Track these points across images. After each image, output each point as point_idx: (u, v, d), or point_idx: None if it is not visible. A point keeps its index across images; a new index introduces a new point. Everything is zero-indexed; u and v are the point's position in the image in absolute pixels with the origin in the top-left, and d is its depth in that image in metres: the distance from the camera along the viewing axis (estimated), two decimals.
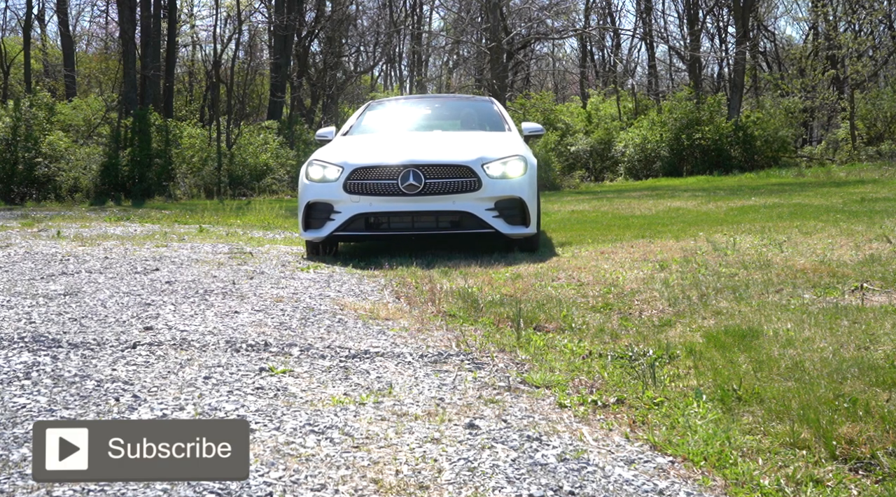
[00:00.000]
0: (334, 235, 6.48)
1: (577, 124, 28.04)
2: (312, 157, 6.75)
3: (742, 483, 2.24)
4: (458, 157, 6.48)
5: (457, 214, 6.39)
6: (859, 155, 24.62)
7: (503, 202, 6.44)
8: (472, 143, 6.92)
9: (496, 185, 6.44)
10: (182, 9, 30.65)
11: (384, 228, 6.44)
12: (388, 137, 7.42)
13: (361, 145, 7.03)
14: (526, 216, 6.51)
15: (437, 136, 7.31)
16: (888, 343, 3.52)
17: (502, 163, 6.52)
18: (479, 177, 6.39)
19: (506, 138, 7.21)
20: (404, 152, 6.57)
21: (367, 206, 6.37)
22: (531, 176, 6.65)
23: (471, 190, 6.38)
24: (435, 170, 6.38)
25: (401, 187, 6.31)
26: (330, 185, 6.45)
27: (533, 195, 6.59)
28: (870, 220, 8.63)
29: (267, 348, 3.26)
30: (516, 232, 6.50)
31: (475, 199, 6.38)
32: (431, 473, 2.14)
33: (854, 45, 27.30)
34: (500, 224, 6.41)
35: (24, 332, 3.30)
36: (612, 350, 3.53)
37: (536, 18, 27.10)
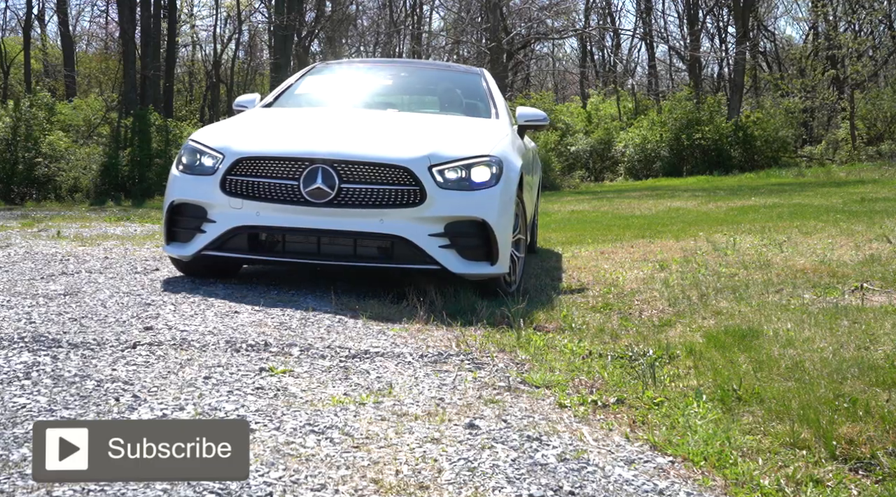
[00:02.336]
0: (204, 255, 4.47)
1: (577, 124, 28.04)
2: (190, 137, 4.76)
3: (742, 483, 2.24)
4: (394, 153, 4.38)
5: (385, 239, 4.34)
6: (859, 155, 24.62)
7: (457, 225, 4.36)
8: (425, 132, 4.84)
9: (449, 199, 4.34)
10: (182, 9, 30.66)
11: (277, 251, 4.45)
12: (312, 115, 5.37)
13: (266, 124, 4.99)
14: (491, 248, 4.41)
15: (379, 119, 5.25)
16: (888, 343, 3.52)
17: (462, 166, 4.43)
18: (422, 185, 4.29)
19: (485, 128, 5.12)
20: (316, 139, 4.54)
21: (252, 215, 4.35)
22: (506, 187, 4.50)
23: (409, 203, 4.30)
24: (357, 170, 4.31)
25: (303, 192, 4.28)
26: (204, 180, 4.46)
27: (506, 216, 4.49)
28: (870, 220, 8.63)
29: (267, 348, 3.26)
30: (473, 271, 4.42)
31: (415, 218, 4.30)
32: (431, 473, 2.14)
33: (854, 45, 27.30)
34: (448, 258, 4.35)
35: (24, 332, 3.30)
36: (612, 350, 3.53)
37: (536, 18, 27.10)
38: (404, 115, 5.42)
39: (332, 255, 4.42)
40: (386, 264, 4.41)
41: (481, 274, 4.48)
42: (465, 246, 4.41)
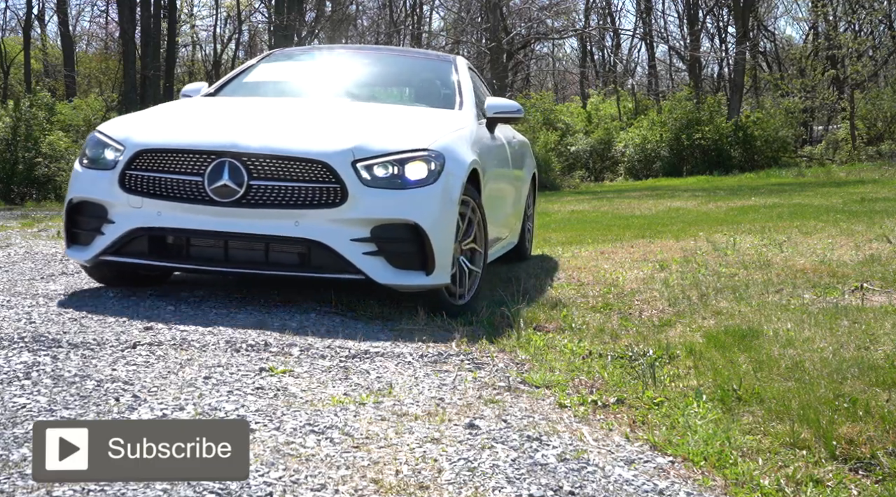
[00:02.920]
0: (104, 261, 4.05)
1: (577, 124, 28.04)
2: (97, 127, 4.32)
3: (742, 483, 2.24)
4: (311, 146, 3.92)
5: (301, 244, 3.88)
6: (859, 155, 24.63)
7: (386, 229, 3.88)
8: (358, 123, 4.34)
9: (376, 199, 3.87)
10: (182, 9, 30.67)
11: (181, 257, 4.02)
12: (239, 104, 4.87)
13: (185, 113, 4.53)
14: (426, 256, 3.91)
15: (311, 109, 4.73)
16: (888, 343, 3.52)
17: (394, 161, 3.93)
18: (343, 182, 3.83)
19: (435, 119, 4.65)
20: (226, 130, 4.07)
21: (153, 216, 3.91)
22: (448, 186, 3.99)
23: (327, 203, 3.84)
24: (268, 164, 3.87)
25: (208, 190, 3.84)
26: (104, 175, 4.02)
27: (446, 219, 3.98)
28: (870, 220, 8.63)
29: (267, 348, 3.26)
30: (405, 282, 3.94)
31: (335, 221, 3.83)
32: (431, 473, 2.14)
33: (854, 45, 27.31)
34: (375, 266, 3.86)
35: (24, 332, 3.30)
36: (612, 350, 3.53)
37: (536, 18, 27.09)
38: (343, 104, 4.92)
39: (242, 261, 3.96)
40: (302, 272, 3.95)
41: (414, 285, 3.96)
42: (394, 253, 3.90)
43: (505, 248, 5.82)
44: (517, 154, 6.03)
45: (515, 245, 6.19)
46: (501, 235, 5.55)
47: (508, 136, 5.83)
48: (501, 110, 5.12)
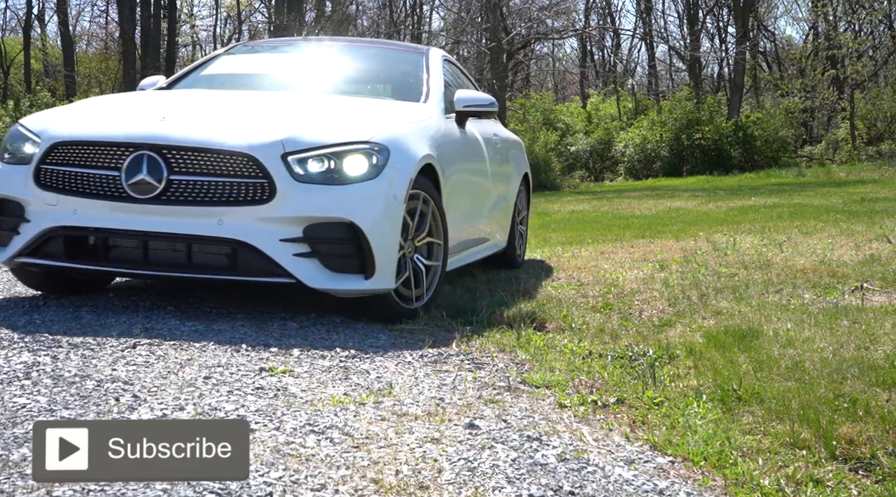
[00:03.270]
0: (22, 262, 3.79)
1: (577, 124, 28.05)
2: (20, 120, 4.05)
3: (742, 483, 2.24)
4: (236, 137, 3.61)
5: (225, 245, 3.59)
6: (859, 155, 24.65)
7: (320, 228, 3.60)
8: (295, 114, 4.03)
9: (308, 196, 3.59)
10: (182, 9, 30.67)
11: (99, 259, 3.71)
12: (174, 97, 4.52)
13: (115, 106, 4.23)
14: (365, 257, 3.62)
15: (248, 100, 4.43)
16: (888, 343, 3.52)
17: (330, 154, 3.64)
18: (270, 177, 3.54)
19: (387, 111, 4.36)
20: (146, 121, 3.74)
21: (68, 214, 3.64)
22: (392, 182, 3.71)
23: (254, 200, 3.55)
24: (190, 158, 3.57)
25: (126, 185, 3.55)
26: (21, 170, 3.77)
27: (389, 217, 3.69)
28: (870, 220, 8.63)
29: (267, 348, 3.26)
30: (341, 286, 3.65)
31: (262, 219, 3.55)
32: (431, 473, 2.14)
33: (854, 45, 27.33)
34: (307, 269, 3.58)
35: (24, 332, 3.30)
36: (612, 350, 3.53)
37: (536, 18, 27.08)
38: (291, 97, 4.58)
39: (164, 263, 3.67)
40: (228, 276, 3.64)
41: (352, 290, 3.67)
42: (329, 254, 3.62)
43: (488, 251, 5.52)
44: (500, 151, 5.71)
45: (504, 249, 5.87)
46: (482, 236, 5.30)
47: (487, 132, 5.45)
48: (471, 103, 4.81)
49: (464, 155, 4.83)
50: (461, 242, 4.77)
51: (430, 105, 4.62)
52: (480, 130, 5.23)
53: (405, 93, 4.87)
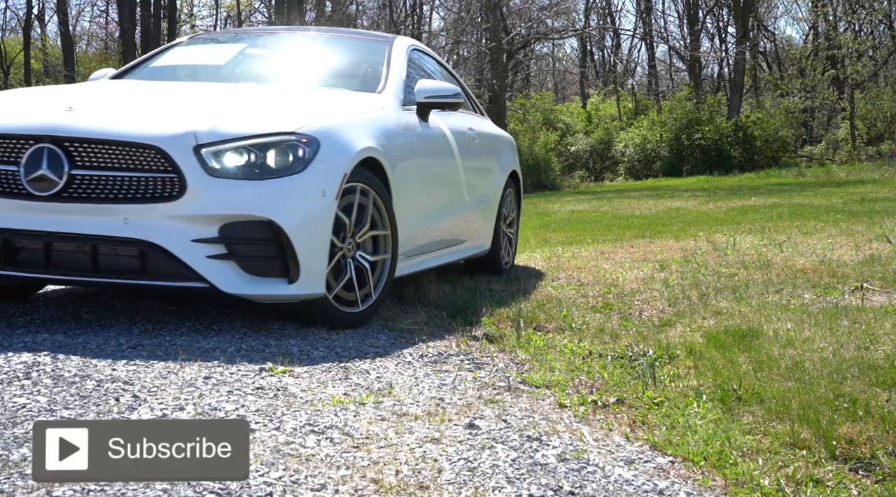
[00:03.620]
0: None
1: (577, 124, 28.05)
2: None
3: (742, 483, 2.24)
4: (143, 127, 3.33)
5: (131, 246, 3.28)
6: (859, 155, 24.65)
7: (238, 228, 3.31)
8: (219, 103, 3.77)
9: (224, 192, 3.30)
10: (182, 9, 30.67)
11: (1, 262, 3.36)
12: (109, 89, 4.18)
13: (27, 97, 3.89)
14: (288, 260, 3.35)
15: (180, 91, 4.15)
16: (888, 343, 3.52)
17: (250, 146, 3.35)
18: (180, 170, 3.24)
19: (337, 102, 4.08)
20: (47, 111, 3.44)
21: None
22: (321, 177, 3.42)
23: (163, 197, 3.26)
24: (93, 151, 3.27)
25: (24, 181, 3.26)
26: None
27: (316, 216, 3.41)
28: (870, 220, 8.63)
29: (267, 348, 3.26)
30: (262, 292, 3.37)
31: (172, 217, 3.25)
32: (431, 473, 2.14)
33: (854, 45, 27.34)
34: (222, 273, 3.29)
35: (24, 332, 3.30)
36: (612, 350, 3.53)
37: (536, 18, 27.08)
38: (224, 87, 4.29)
39: (68, 266, 3.34)
40: (137, 280, 3.32)
41: (274, 295, 3.39)
42: (248, 256, 3.33)
43: (465, 253, 5.22)
44: (478, 147, 5.37)
45: (486, 252, 5.54)
46: (455, 237, 5.01)
47: (460, 126, 5.09)
48: (433, 94, 4.46)
49: (424, 149, 4.51)
50: (428, 243, 4.55)
51: (384, 95, 4.32)
52: (450, 124, 4.91)
53: (362, 83, 4.55)
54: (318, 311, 3.58)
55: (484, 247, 5.49)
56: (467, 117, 5.41)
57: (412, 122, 4.41)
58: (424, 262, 4.58)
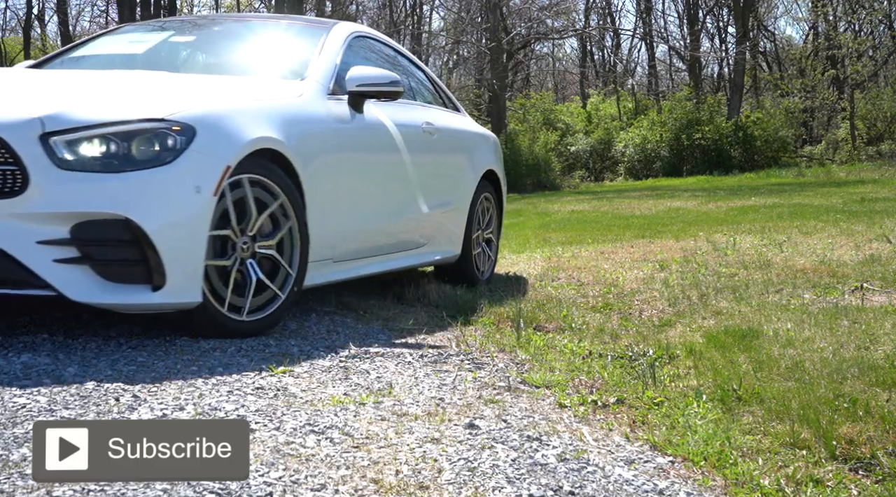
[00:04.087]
0: None
1: (577, 124, 28.06)
2: None
3: (742, 483, 2.24)
4: None
5: None
6: (859, 155, 24.66)
7: (92, 227, 2.93)
8: (84, 88, 3.38)
9: (76, 186, 2.91)
10: (182, 9, 30.67)
11: None
12: (10, 76, 3.72)
13: None
14: (151, 263, 2.98)
15: (50, 78, 3.76)
16: (888, 343, 3.52)
17: (109, 136, 2.96)
18: (22, 162, 2.87)
19: (237, 89, 3.68)
20: None
21: None
22: (194, 168, 3.06)
23: (3, 192, 2.89)
24: None
25: None
26: None
27: (190, 213, 3.05)
28: (870, 220, 8.63)
29: (267, 348, 3.26)
30: (120, 301, 3.00)
31: (14, 216, 2.88)
32: (431, 473, 2.14)
33: (854, 45, 27.34)
34: (72, 279, 2.93)
35: (24, 332, 3.30)
36: (612, 350, 3.53)
37: (536, 18, 27.10)
38: (93, 74, 3.90)
39: None
40: None
41: (137, 305, 3.03)
42: (104, 260, 2.95)
43: (424, 258, 4.86)
44: (437, 144, 4.91)
45: (456, 260, 5.13)
46: (408, 239, 4.64)
47: (412, 120, 4.70)
48: (365, 82, 4.03)
49: (355, 142, 4.06)
50: (369, 246, 4.22)
51: (307, 83, 3.91)
52: (396, 116, 4.46)
53: (289, 71, 4.16)
54: (204, 321, 3.19)
55: (452, 252, 5.09)
56: (427, 111, 5.01)
57: (341, 112, 3.98)
58: (365, 266, 4.21)
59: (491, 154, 5.73)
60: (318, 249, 3.68)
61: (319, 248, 3.68)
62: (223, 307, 3.21)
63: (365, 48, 4.66)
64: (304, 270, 3.57)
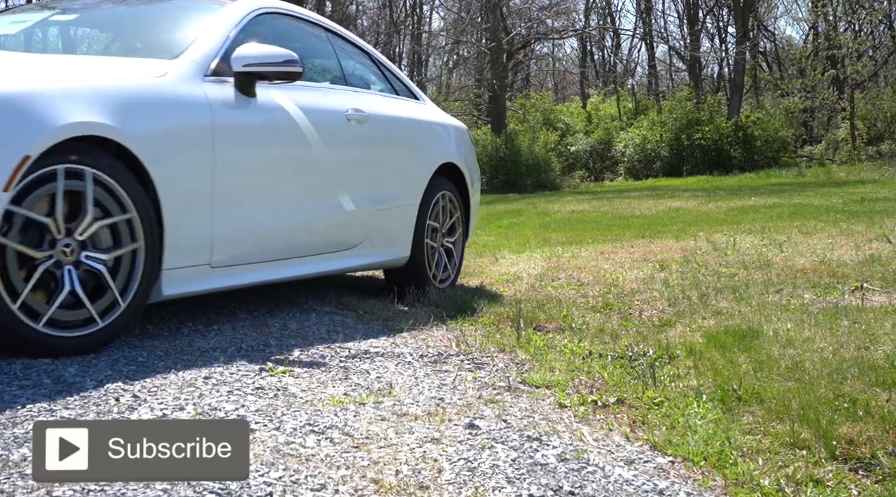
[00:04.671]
0: None
1: (577, 124, 28.06)
2: None
3: (742, 483, 2.24)
4: None
5: None
6: (859, 155, 24.65)
7: None
8: None
9: None
10: None
11: None
12: None
13: None
14: None
15: None
16: (888, 343, 3.52)
17: None
18: None
19: (61, 68, 3.14)
20: None
21: None
22: None
23: None
24: None
25: None
26: None
27: None
28: (870, 220, 8.63)
29: (267, 348, 3.26)
30: None
31: None
32: (431, 473, 2.14)
33: (854, 45, 27.33)
34: None
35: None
36: (612, 350, 3.53)
37: (536, 18, 27.11)
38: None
39: None
40: None
41: None
42: None
43: (362, 261, 4.39)
44: (367, 135, 4.33)
45: (405, 263, 4.67)
46: (332, 243, 4.18)
47: (335, 107, 4.19)
48: (254, 61, 3.51)
49: (238, 132, 3.54)
50: (270, 249, 3.76)
51: (176, 63, 3.41)
52: (308, 102, 3.96)
53: (165, 50, 3.62)
54: (11, 340, 2.74)
55: (398, 255, 4.61)
56: (358, 97, 4.41)
57: (223, 96, 3.46)
58: (269, 271, 3.77)
59: (451, 146, 5.14)
60: (188, 255, 3.25)
61: (188, 253, 3.25)
62: (14, 303, 2.69)
63: (278, 26, 4.15)
64: (155, 270, 3.13)
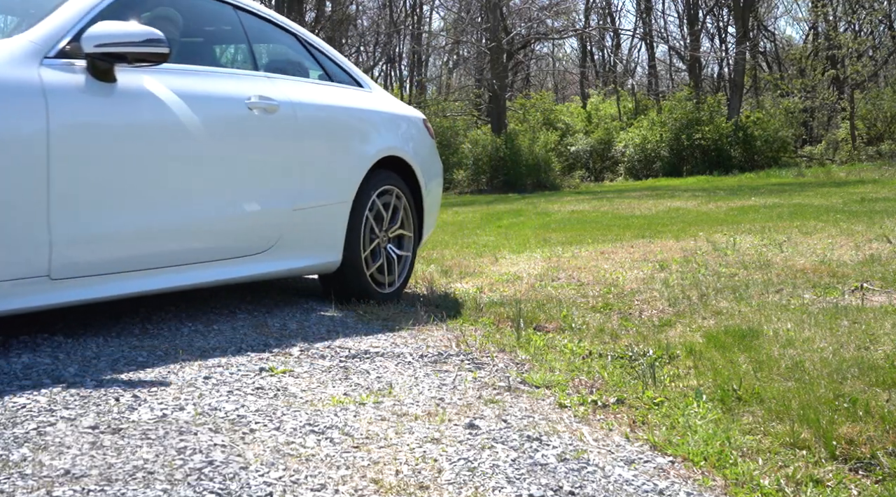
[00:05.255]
0: None
1: (577, 124, 28.07)
2: None
3: (742, 483, 2.24)
4: None
5: None
6: (859, 155, 24.65)
7: None
8: None
9: None
10: None
11: None
12: None
13: None
14: None
15: None
16: (888, 343, 3.52)
17: None
18: None
19: None
20: None
21: None
22: None
23: None
24: None
25: None
26: None
27: None
28: (870, 220, 8.63)
29: (267, 348, 3.26)
30: None
31: None
32: (431, 473, 2.14)
33: (854, 45, 27.34)
34: None
35: (24, 332, 3.30)
36: (612, 350, 3.53)
37: (536, 18, 27.13)
38: None
39: None
40: None
41: None
42: None
43: (280, 266, 3.95)
44: (276, 125, 3.90)
45: (337, 268, 4.24)
46: (237, 246, 3.74)
47: (233, 95, 3.75)
48: (109, 41, 3.09)
49: (88, 121, 3.11)
50: (145, 256, 3.32)
51: (9, 42, 3.00)
52: (196, 88, 3.56)
53: (9, 30, 3.34)
54: None
55: (326, 260, 4.18)
56: (268, 83, 3.98)
57: (68, 81, 3.05)
58: (141, 281, 3.32)
59: (396, 138, 4.64)
60: (14, 266, 2.86)
61: (15, 263, 2.86)
62: None
63: (165, 4, 3.79)
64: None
